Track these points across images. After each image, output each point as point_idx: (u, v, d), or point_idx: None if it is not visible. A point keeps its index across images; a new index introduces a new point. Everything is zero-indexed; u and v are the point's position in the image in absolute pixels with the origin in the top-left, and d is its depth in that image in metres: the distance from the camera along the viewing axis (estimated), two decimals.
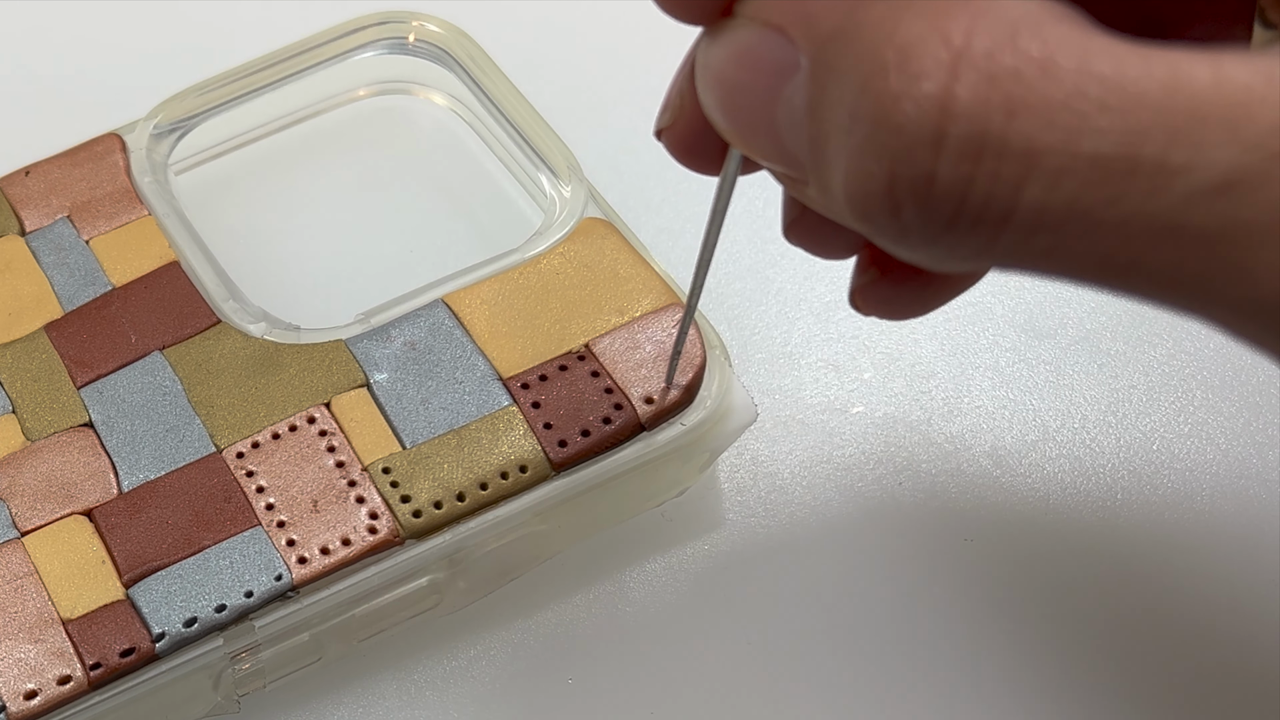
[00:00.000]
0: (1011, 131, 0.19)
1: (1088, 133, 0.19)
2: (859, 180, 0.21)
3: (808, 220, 0.27)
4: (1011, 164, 0.19)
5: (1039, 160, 0.19)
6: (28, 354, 0.34)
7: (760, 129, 0.23)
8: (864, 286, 0.28)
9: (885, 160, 0.20)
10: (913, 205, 0.20)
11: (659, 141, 0.27)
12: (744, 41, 0.22)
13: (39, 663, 0.30)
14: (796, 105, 0.22)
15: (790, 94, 0.22)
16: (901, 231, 0.21)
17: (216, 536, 0.31)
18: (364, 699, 0.33)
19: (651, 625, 0.34)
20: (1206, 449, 0.36)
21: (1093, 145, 0.19)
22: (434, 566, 0.31)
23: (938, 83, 0.20)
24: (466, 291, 0.34)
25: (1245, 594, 0.33)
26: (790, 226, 0.28)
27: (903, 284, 0.27)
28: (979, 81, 0.19)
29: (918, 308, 0.28)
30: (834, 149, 0.21)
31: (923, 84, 0.20)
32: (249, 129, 0.39)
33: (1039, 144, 0.19)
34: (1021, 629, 0.33)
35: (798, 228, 0.28)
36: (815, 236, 0.28)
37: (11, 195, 0.37)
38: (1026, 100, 0.19)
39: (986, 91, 0.19)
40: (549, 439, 0.32)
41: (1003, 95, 0.19)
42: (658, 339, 0.33)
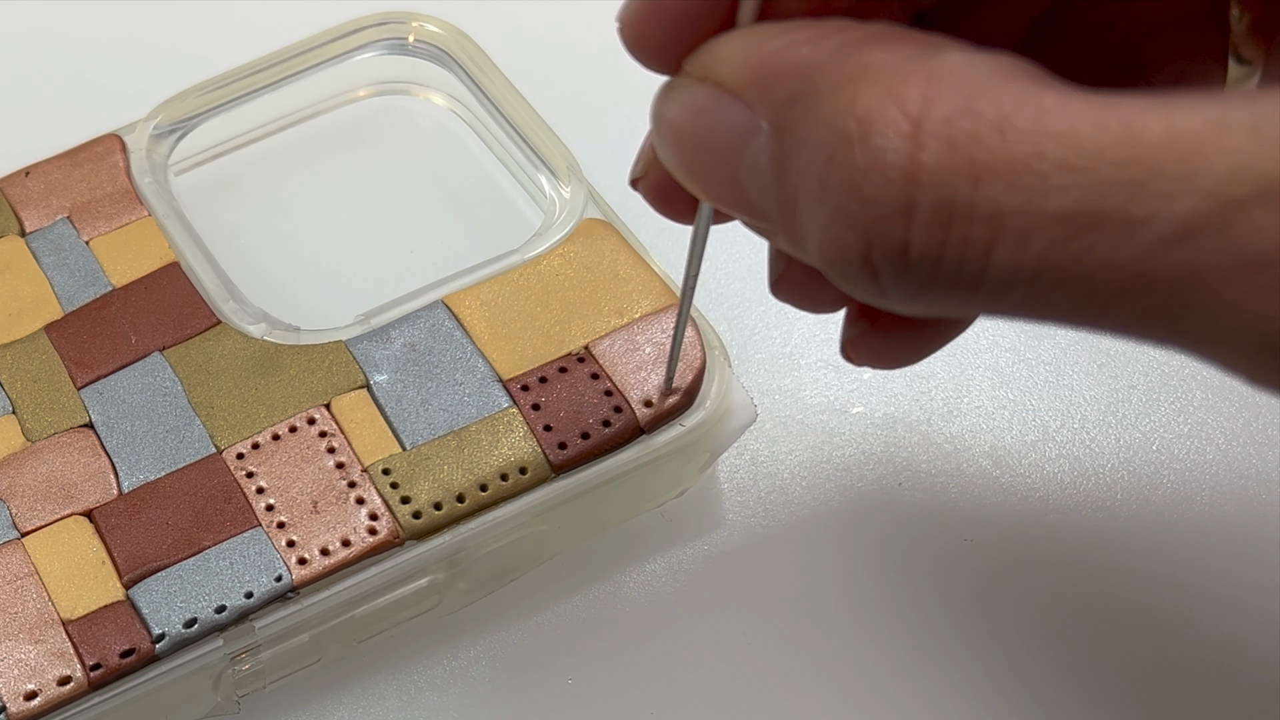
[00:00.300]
0: (978, 196, 0.20)
1: (1050, 192, 0.19)
2: (835, 248, 0.21)
3: (793, 276, 0.28)
4: (980, 227, 0.20)
5: (1006, 222, 0.20)
6: (28, 354, 0.34)
7: (724, 184, 0.23)
8: (855, 338, 0.28)
9: (859, 231, 0.21)
10: (890, 271, 0.21)
11: (635, 191, 0.27)
12: (700, 101, 0.23)
13: (39, 663, 0.30)
14: (761, 165, 0.22)
15: (753, 154, 0.22)
16: (880, 292, 0.21)
17: (216, 537, 0.31)
18: (364, 699, 0.33)
19: (651, 625, 0.34)
20: (1206, 449, 0.36)
21: (1056, 204, 0.19)
22: (434, 567, 0.31)
23: (902, 154, 0.20)
24: (466, 292, 0.34)
25: (1245, 594, 0.33)
26: (777, 283, 0.28)
27: (892, 334, 0.28)
28: (941, 149, 0.20)
29: (909, 357, 0.28)
30: (805, 213, 0.22)
31: (888, 156, 0.20)
32: (249, 129, 0.39)
33: (1004, 207, 0.20)
34: (1021, 629, 0.33)
35: (784, 284, 0.28)
36: (802, 292, 0.28)
37: (11, 196, 0.37)
38: (989, 164, 0.20)
39: (950, 158, 0.20)
40: (549, 441, 0.32)
41: (965, 161, 0.20)
42: (657, 341, 0.33)
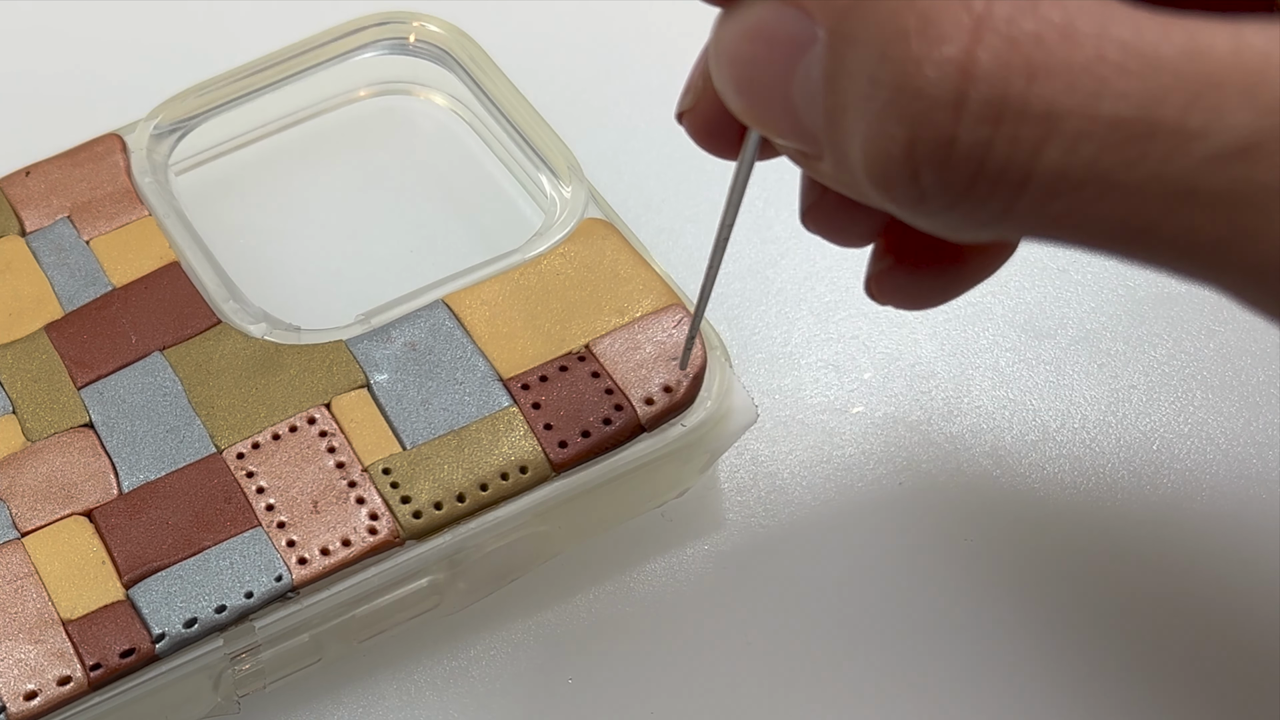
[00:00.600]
0: (1031, 95, 0.19)
1: (1107, 96, 0.19)
2: (878, 145, 0.21)
3: (825, 205, 0.27)
4: (1031, 127, 0.20)
5: (1058, 123, 0.19)
6: (28, 354, 0.34)
7: (775, 105, 0.23)
8: (879, 274, 0.28)
9: (905, 124, 0.20)
10: (932, 169, 0.20)
11: (680, 125, 0.27)
12: (759, 17, 0.22)
13: (39, 663, 0.30)
14: (813, 78, 0.22)
15: (806, 68, 0.22)
16: (920, 197, 0.21)
17: (217, 537, 0.31)
18: (364, 699, 0.33)
19: (651, 625, 0.34)
20: (1206, 449, 0.36)
21: (1112, 109, 0.19)
22: (434, 567, 0.31)
23: (959, 46, 0.20)
24: (467, 292, 0.34)
25: (1246, 594, 0.33)
26: (808, 212, 0.28)
27: (917, 271, 0.27)
28: (1000, 46, 0.20)
29: (933, 297, 0.28)
30: (852, 118, 0.21)
31: (944, 48, 0.20)
32: (249, 129, 0.39)
33: (1058, 107, 0.19)
34: (1021, 629, 0.33)
35: (815, 213, 0.28)
36: (832, 222, 0.28)
37: (12, 195, 0.37)
38: (1047, 64, 0.19)
39: (1007, 55, 0.20)
40: (549, 440, 0.32)
41: (1023, 59, 0.19)
42: (658, 340, 0.33)
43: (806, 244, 0.39)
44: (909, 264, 0.27)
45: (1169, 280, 0.38)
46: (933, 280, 0.27)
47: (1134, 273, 0.38)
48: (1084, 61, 0.19)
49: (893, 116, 0.20)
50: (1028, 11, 0.20)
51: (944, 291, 0.28)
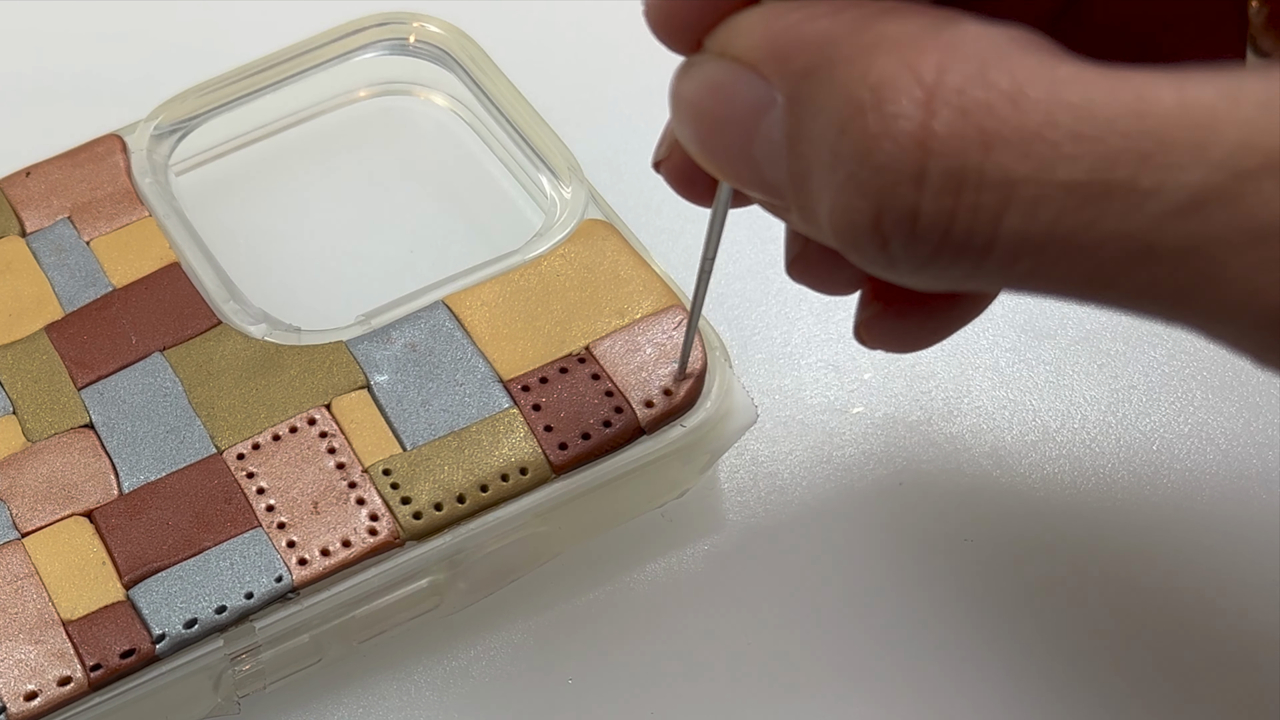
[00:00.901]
0: (988, 163, 0.20)
1: (1061, 160, 0.20)
2: (845, 216, 0.21)
3: (809, 256, 0.28)
4: (990, 195, 0.20)
5: (1016, 190, 0.20)
6: (28, 355, 0.34)
7: (739, 161, 0.23)
8: (867, 320, 0.28)
9: (870, 197, 0.21)
10: (899, 238, 0.21)
11: (657, 173, 0.27)
12: (717, 76, 0.23)
13: (39, 664, 0.30)
14: (775, 140, 0.22)
15: (767, 128, 0.22)
16: (889, 261, 0.22)
17: (217, 538, 0.31)
18: (364, 700, 0.33)
19: (651, 625, 0.34)
20: (1206, 449, 0.36)
21: (1066, 173, 0.20)
22: (434, 568, 0.31)
23: (915, 121, 0.20)
24: (467, 293, 0.34)
25: (1246, 595, 0.33)
26: (793, 263, 0.28)
27: (905, 317, 0.28)
28: (953, 117, 0.20)
29: (922, 340, 0.29)
30: (817, 184, 0.22)
31: (900, 122, 0.20)
32: (250, 130, 0.39)
33: (1015, 174, 0.20)
34: (1021, 629, 0.33)
35: (800, 264, 0.28)
36: (816, 272, 0.28)
37: (12, 196, 0.37)
38: (1000, 132, 0.20)
39: (961, 126, 0.20)
40: (549, 441, 0.32)
41: (977, 129, 0.20)
42: (658, 341, 0.33)
43: None
44: (896, 310, 0.28)
45: None
46: (921, 324, 0.28)
47: None
48: (1035, 127, 0.20)
49: (856, 190, 0.21)
50: (976, 80, 0.20)
51: (933, 334, 0.28)
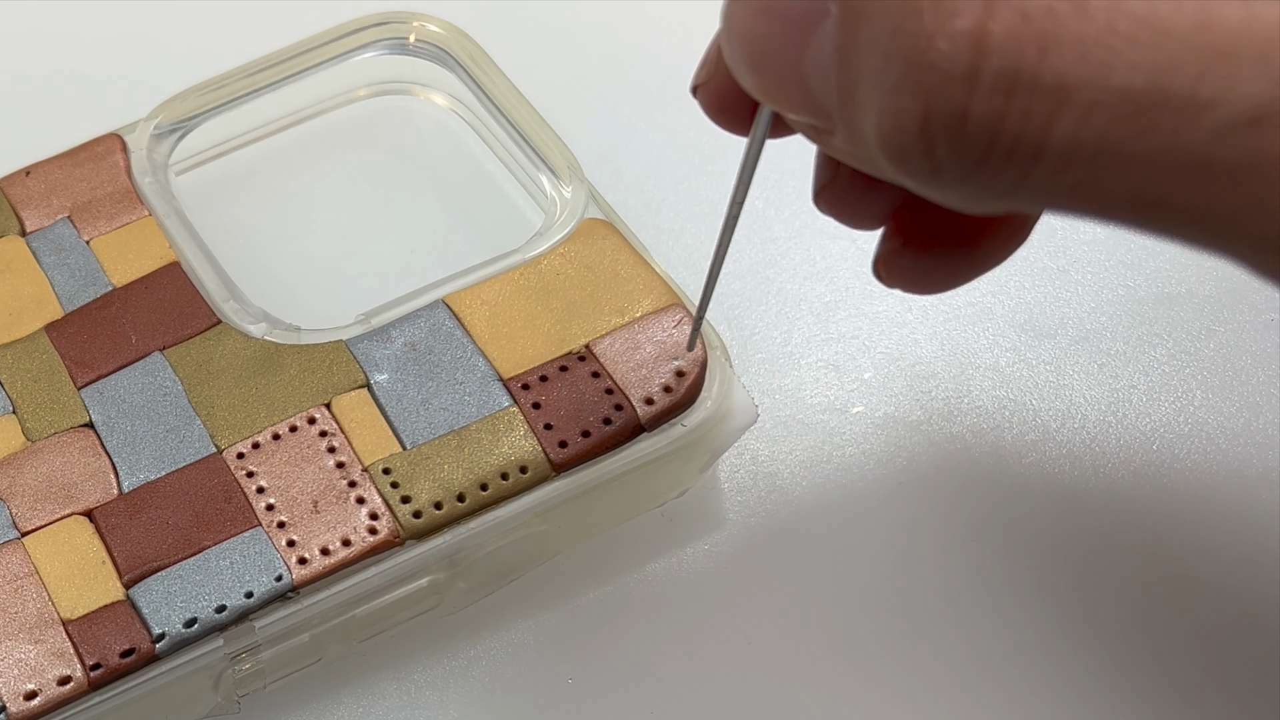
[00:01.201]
0: (1044, 67, 0.20)
1: (1119, 67, 0.19)
2: (892, 120, 0.21)
3: (838, 185, 0.27)
4: (1043, 99, 0.20)
5: (1070, 95, 0.19)
6: (28, 354, 0.34)
7: (787, 81, 0.23)
8: (888, 254, 0.28)
9: (919, 97, 0.20)
10: (946, 141, 0.21)
11: (694, 98, 0.27)
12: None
13: (39, 663, 0.30)
14: (826, 53, 0.22)
15: (818, 43, 0.22)
16: (934, 169, 0.21)
17: (217, 537, 0.31)
18: (364, 699, 0.33)
19: (651, 625, 0.34)
20: (1206, 449, 0.36)
21: (1124, 80, 0.19)
22: (434, 567, 0.31)
23: (971, 19, 0.20)
24: (467, 292, 0.34)
25: (1246, 595, 0.33)
26: (820, 192, 0.28)
27: (927, 253, 0.27)
28: (1013, 18, 0.20)
29: (941, 280, 0.28)
30: (865, 92, 0.21)
31: (956, 21, 0.20)
32: (249, 129, 0.39)
33: (1071, 79, 0.19)
34: (1021, 629, 0.33)
35: (827, 193, 0.28)
36: (844, 202, 0.28)
37: (12, 195, 0.37)
38: (1059, 36, 0.19)
39: (1020, 27, 0.20)
40: (549, 440, 0.32)
41: (1036, 31, 0.20)
42: (658, 339, 0.33)
43: (806, 244, 0.39)
44: (917, 245, 0.27)
45: (1169, 280, 0.38)
46: (942, 263, 0.27)
47: (1134, 273, 0.38)
48: (1095, 34, 0.19)
49: (907, 90, 0.20)
50: None
51: (952, 276, 0.28)
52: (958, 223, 0.27)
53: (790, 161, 0.34)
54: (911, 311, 0.38)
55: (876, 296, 0.38)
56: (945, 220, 0.27)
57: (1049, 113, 0.20)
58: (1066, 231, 0.39)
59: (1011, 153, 0.20)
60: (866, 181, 0.27)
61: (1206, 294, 0.38)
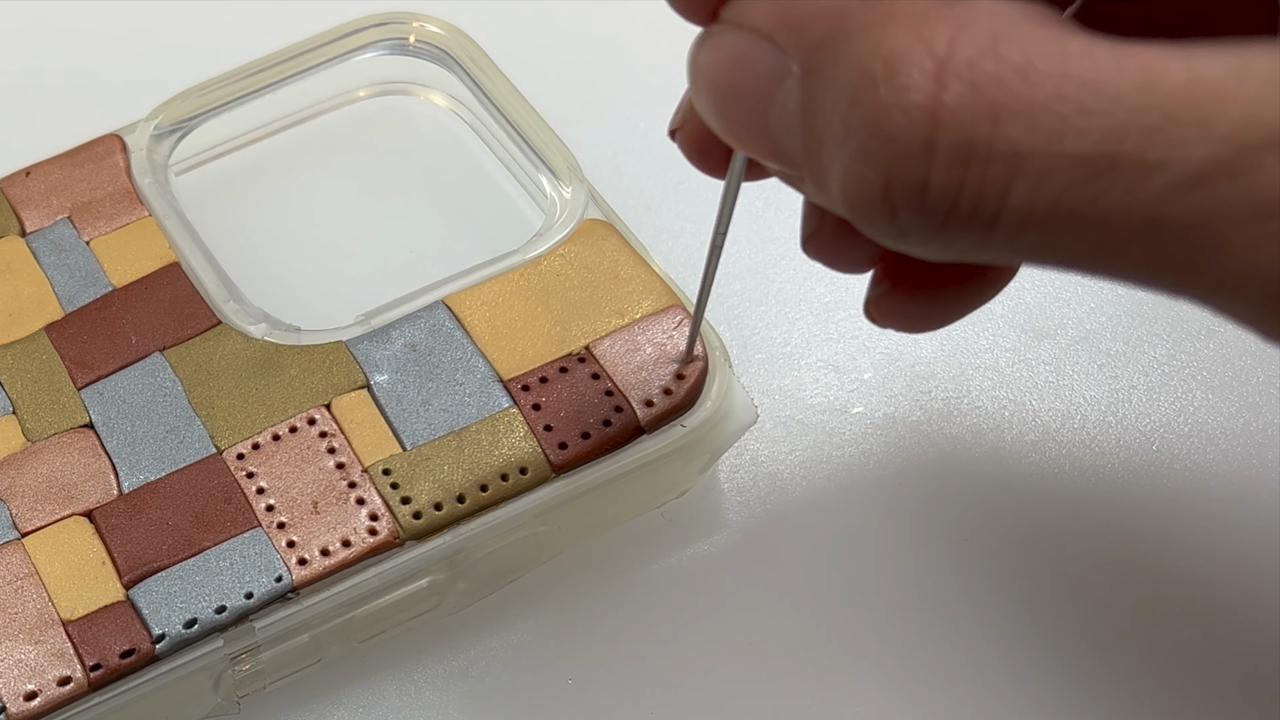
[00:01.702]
0: (997, 136, 0.20)
1: (1069, 134, 0.20)
2: (856, 186, 0.22)
3: (824, 233, 0.28)
4: (998, 167, 0.20)
5: (1024, 162, 0.20)
6: (28, 355, 0.34)
7: (755, 131, 0.24)
8: (879, 298, 0.28)
9: (880, 169, 0.21)
10: (908, 209, 0.21)
11: (673, 141, 0.28)
12: (734, 47, 0.23)
13: (39, 663, 0.30)
14: (790, 109, 0.23)
15: (783, 98, 0.23)
16: (900, 232, 0.22)
17: (217, 538, 0.31)
18: (364, 700, 0.33)
19: (651, 625, 0.34)
20: (1206, 449, 0.36)
21: (1074, 146, 0.20)
22: (434, 568, 0.31)
23: (925, 93, 0.20)
24: (467, 293, 0.34)
25: (1246, 595, 0.33)
26: (808, 240, 0.29)
27: (916, 296, 0.28)
28: (964, 90, 0.20)
29: (933, 320, 0.29)
30: (829, 154, 0.22)
31: (911, 95, 0.21)
32: (249, 130, 0.39)
33: (1023, 147, 0.20)
34: (1022, 629, 0.33)
35: (815, 240, 0.29)
36: (831, 249, 0.28)
37: (12, 196, 0.37)
38: (1009, 105, 0.20)
39: (971, 99, 0.20)
40: (549, 441, 0.32)
41: (986, 101, 0.20)
42: (658, 341, 0.33)
43: None
44: (906, 289, 0.28)
45: None
46: (932, 304, 0.28)
47: None
48: (1044, 101, 0.20)
49: (867, 161, 0.21)
50: (987, 53, 0.20)
51: (944, 315, 0.29)
52: (946, 266, 0.28)
53: None
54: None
55: None
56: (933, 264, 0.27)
57: (1004, 180, 0.20)
58: None
59: (972, 218, 0.21)
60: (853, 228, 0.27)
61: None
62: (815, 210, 0.28)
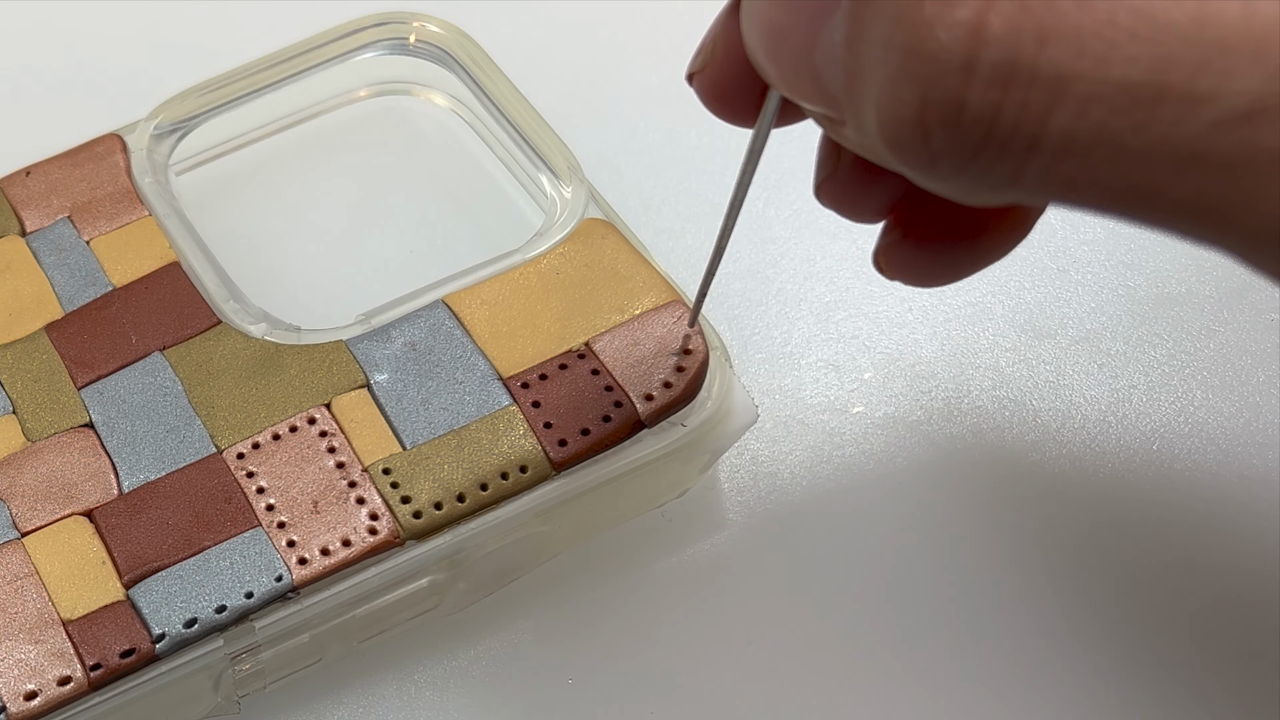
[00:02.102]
0: (1042, 58, 0.20)
1: (1117, 61, 0.19)
2: (890, 109, 0.21)
3: (838, 179, 0.27)
4: (1040, 91, 0.20)
5: (1068, 87, 0.20)
6: (28, 354, 0.34)
7: (801, 70, 0.23)
8: (889, 246, 0.28)
9: (916, 87, 0.21)
10: (942, 132, 0.21)
11: (689, 85, 0.27)
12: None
13: (39, 663, 0.30)
14: (835, 43, 0.22)
15: (829, 32, 0.22)
16: (931, 159, 0.21)
17: (217, 537, 0.31)
18: (364, 699, 0.33)
19: (651, 625, 0.34)
20: (1206, 449, 0.36)
21: (1121, 72, 0.19)
22: (434, 567, 0.31)
23: (971, 10, 0.20)
24: (467, 292, 0.34)
25: (1246, 595, 0.33)
26: (821, 185, 0.28)
27: (925, 246, 0.27)
28: (1012, 9, 0.20)
29: (941, 273, 0.28)
30: (868, 81, 0.21)
31: (956, 11, 0.20)
32: (250, 129, 0.39)
33: (1068, 71, 0.20)
34: (1022, 629, 0.33)
35: (828, 186, 0.28)
36: (845, 196, 0.28)
37: (12, 195, 0.37)
38: (1058, 29, 0.20)
39: (1019, 19, 0.20)
40: (549, 438, 0.32)
41: (1035, 22, 0.20)
42: (658, 336, 0.33)
43: (806, 244, 0.39)
44: (917, 238, 0.27)
45: (1169, 280, 0.38)
46: (943, 256, 0.27)
47: (1134, 273, 0.38)
48: (1094, 26, 0.19)
49: (904, 80, 0.21)
50: None
51: (953, 269, 0.28)
52: (959, 216, 0.27)
53: (790, 161, 0.34)
54: (911, 311, 0.38)
55: (876, 296, 0.38)
56: (946, 213, 0.27)
57: (1046, 105, 0.20)
58: (1066, 231, 0.39)
59: (1008, 144, 0.20)
60: (867, 175, 0.27)
61: (1206, 294, 0.38)
62: (830, 155, 0.28)
